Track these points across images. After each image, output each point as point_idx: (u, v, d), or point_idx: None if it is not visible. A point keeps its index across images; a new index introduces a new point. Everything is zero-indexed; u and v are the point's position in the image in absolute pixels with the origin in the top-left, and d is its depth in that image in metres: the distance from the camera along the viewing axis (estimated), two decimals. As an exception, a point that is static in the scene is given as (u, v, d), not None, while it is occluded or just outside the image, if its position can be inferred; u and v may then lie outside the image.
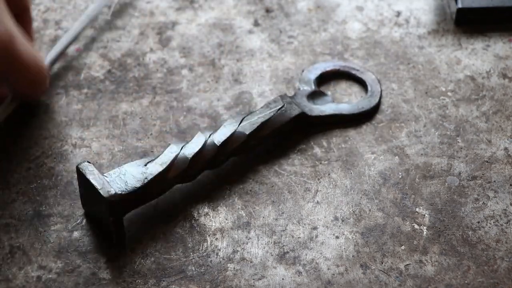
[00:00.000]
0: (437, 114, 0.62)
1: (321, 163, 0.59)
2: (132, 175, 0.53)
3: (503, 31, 0.69)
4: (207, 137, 0.56)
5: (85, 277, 0.52)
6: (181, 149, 0.55)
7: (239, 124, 0.57)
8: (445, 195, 0.57)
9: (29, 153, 0.59)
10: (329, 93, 0.64)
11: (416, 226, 0.55)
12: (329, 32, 0.69)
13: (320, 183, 0.58)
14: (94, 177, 0.52)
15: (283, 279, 0.52)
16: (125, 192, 0.52)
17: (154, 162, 0.54)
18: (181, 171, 0.54)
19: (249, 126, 0.58)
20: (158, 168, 0.54)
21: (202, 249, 0.54)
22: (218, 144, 0.56)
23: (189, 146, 0.55)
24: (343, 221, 0.55)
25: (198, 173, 0.56)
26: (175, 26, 0.69)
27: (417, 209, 0.56)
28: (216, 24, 0.70)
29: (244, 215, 0.56)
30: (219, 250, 0.54)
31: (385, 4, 0.72)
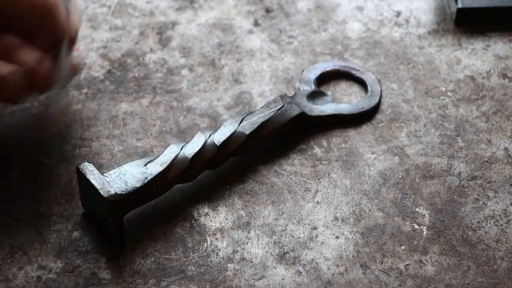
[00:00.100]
0: (437, 114, 0.62)
1: (321, 163, 0.59)
2: (132, 175, 0.53)
3: (503, 31, 0.69)
4: (207, 137, 0.56)
5: (85, 277, 0.52)
6: (181, 149, 0.55)
7: (239, 124, 0.57)
8: (445, 195, 0.57)
9: (29, 153, 0.59)
10: (329, 93, 0.64)
11: (416, 226, 0.55)
12: (329, 32, 0.69)
13: (320, 183, 0.58)
14: (94, 177, 0.52)
15: (283, 279, 0.52)
16: (125, 192, 0.52)
17: (154, 162, 0.54)
18: (181, 171, 0.54)
19: (249, 126, 0.58)
20: (158, 168, 0.54)
21: (202, 249, 0.54)
22: (218, 144, 0.56)
23: (189, 146, 0.55)
24: (343, 221, 0.55)
25: (198, 173, 0.56)
26: (175, 26, 0.69)
27: (417, 209, 0.56)
28: (216, 24, 0.70)
29: (244, 215, 0.56)
30: (219, 250, 0.54)
31: (385, 4, 0.72)
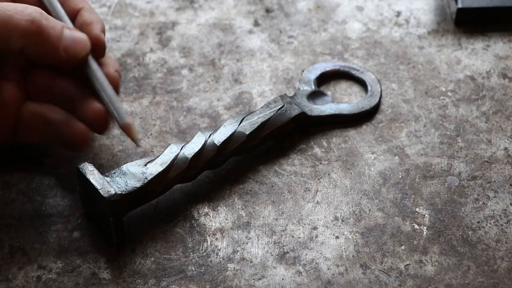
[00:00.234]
0: (437, 114, 0.62)
1: (321, 163, 0.59)
2: (132, 175, 0.53)
3: (503, 31, 0.69)
4: (207, 137, 0.56)
5: (85, 277, 0.52)
6: (181, 149, 0.55)
7: (239, 124, 0.57)
8: (445, 195, 0.57)
9: (29, 153, 0.59)
10: (329, 93, 0.64)
11: (416, 226, 0.55)
12: (329, 32, 0.69)
13: (320, 183, 0.58)
14: (94, 177, 0.52)
15: (283, 279, 0.52)
16: (125, 192, 0.52)
17: (154, 162, 0.54)
18: (181, 171, 0.54)
19: (249, 126, 0.57)
20: (158, 168, 0.53)
21: (202, 249, 0.54)
22: (218, 144, 0.56)
23: (189, 146, 0.55)
24: (343, 221, 0.55)
25: (198, 173, 0.56)
26: (175, 26, 0.69)
27: (417, 209, 0.56)
28: (216, 24, 0.70)
29: (244, 215, 0.56)
30: (219, 250, 0.54)
31: (385, 4, 0.72)
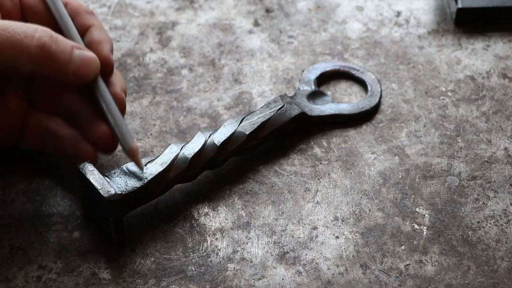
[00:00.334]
0: (437, 114, 0.62)
1: (321, 163, 0.59)
2: (132, 175, 0.53)
3: (503, 31, 0.69)
4: (207, 137, 0.56)
5: (85, 277, 0.52)
6: (181, 149, 0.55)
7: (239, 124, 0.57)
8: (445, 195, 0.57)
9: (29, 153, 0.59)
10: (329, 93, 0.64)
11: (416, 226, 0.55)
12: (329, 32, 0.69)
13: (320, 183, 0.58)
14: (94, 177, 0.52)
15: (283, 279, 0.52)
16: (125, 192, 0.52)
17: (154, 162, 0.54)
18: (181, 171, 0.54)
19: (249, 126, 0.57)
20: (158, 168, 0.53)
21: (202, 249, 0.54)
22: (218, 144, 0.56)
23: (189, 146, 0.55)
24: (343, 221, 0.55)
25: (198, 173, 0.56)
26: (175, 26, 0.69)
27: (417, 209, 0.56)
28: (216, 24, 0.70)
29: (244, 215, 0.56)
30: (219, 250, 0.54)
31: (385, 4, 0.72)
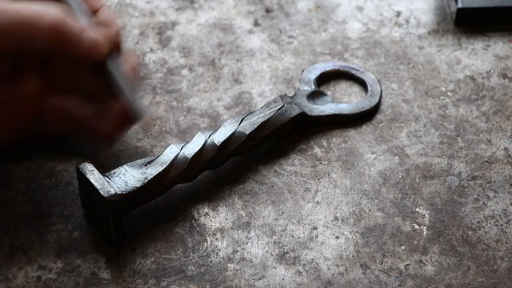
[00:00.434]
0: (437, 114, 0.62)
1: (321, 163, 0.59)
2: (132, 175, 0.53)
3: (503, 31, 0.69)
4: (207, 137, 0.56)
5: (85, 277, 0.52)
6: (181, 149, 0.55)
7: (239, 124, 0.57)
8: (445, 195, 0.57)
9: (29, 153, 0.59)
10: (329, 93, 0.64)
11: (416, 226, 0.55)
12: (329, 32, 0.69)
13: (320, 183, 0.58)
14: (94, 177, 0.52)
15: (283, 279, 0.52)
16: (125, 192, 0.52)
17: (154, 162, 0.54)
18: (181, 171, 0.54)
19: (249, 126, 0.57)
20: (158, 168, 0.53)
21: (202, 249, 0.54)
22: (218, 144, 0.56)
23: (189, 146, 0.55)
24: (343, 221, 0.55)
25: (198, 173, 0.56)
26: (175, 26, 0.69)
27: (417, 209, 0.56)
28: (216, 24, 0.70)
29: (244, 215, 0.56)
30: (219, 250, 0.54)
31: (385, 4, 0.72)
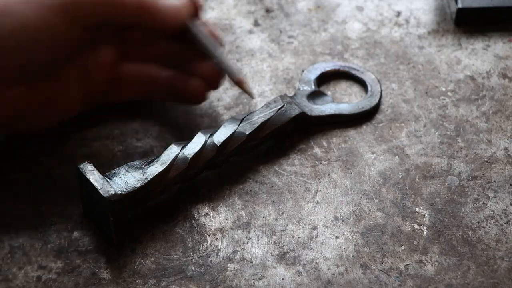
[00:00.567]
0: (437, 114, 0.62)
1: (321, 163, 0.59)
2: (132, 175, 0.53)
3: (503, 31, 0.69)
4: (207, 137, 0.56)
5: (85, 277, 0.52)
6: (181, 149, 0.55)
7: (239, 124, 0.57)
8: (445, 195, 0.57)
9: (29, 153, 0.59)
10: (329, 93, 0.64)
11: (416, 226, 0.55)
12: (329, 32, 0.69)
13: (320, 183, 0.58)
14: (94, 177, 0.52)
15: (283, 279, 0.52)
16: (125, 192, 0.52)
17: (154, 162, 0.54)
18: (181, 171, 0.54)
19: (249, 126, 0.57)
20: (158, 168, 0.53)
21: (202, 249, 0.54)
22: (218, 144, 0.56)
23: (189, 146, 0.55)
24: (343, 221, 0.55)
25: (198, 173, 0.56)
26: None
27: (417, 209, 0.56)
28: (216, 24, 0.69)
29: (244, 215, 0.56)
30: (219, 250, 0.54)
31: (385, 4, 0.72)
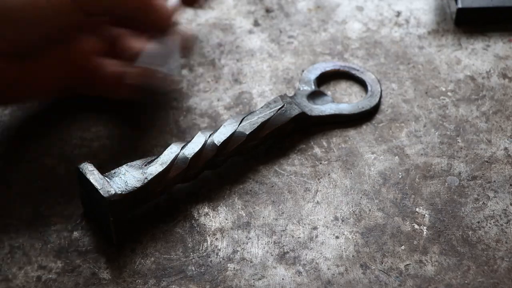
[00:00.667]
0: (437, 114, 0.62)
1: (321, 163, 0.59)
2: (132, 175, 0.53)
3: (503, 31, 0.69)
4: (207, 137, 0.56)
5: (85, 277, 0.52)
6: (181, 149, 0.55)
7: (239, 124, 0.57)
8: (445, 195, 0.57)
9: (29, 153, 0.59)
10: (329, 93, 0.64)
11: (416, 226, 0.55)
12: (329, 32, 0.69)
13: (320, 183, 0.58)
14: (94, 177, 0.52)
15: (283, 279, 0.52)
16: (125, 192, 0.52)
17: (154, 162, 0.54)
18: (181, 171, 0.54)
19: (249, 126, 0.58)
20: (158, 168, 0.54)
21: (202, 249, 0.54)
22: (218, 144, 0.56)
23: (189, 146, 0.55)
24: (343, 221, 0.55)
25: (198, 173, 0.56)
26: (175, 26, 0.69)
27: (417, 209, 0.56)
28: (216, 24, 0.70)
29: (244, 215, 0.56)
30: (219, 250, 0.54)
31: (385, 4, 0.72)
